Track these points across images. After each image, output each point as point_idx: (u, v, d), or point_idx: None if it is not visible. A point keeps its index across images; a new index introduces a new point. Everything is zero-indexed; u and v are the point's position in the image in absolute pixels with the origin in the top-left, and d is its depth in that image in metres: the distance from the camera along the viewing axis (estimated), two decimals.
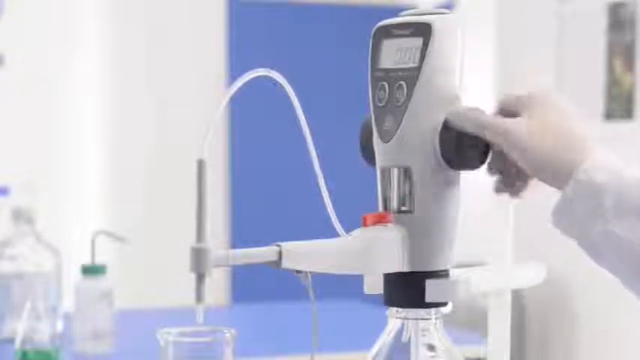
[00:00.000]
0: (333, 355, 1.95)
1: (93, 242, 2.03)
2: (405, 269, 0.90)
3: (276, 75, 0.85)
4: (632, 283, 0.88)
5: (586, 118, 0.89)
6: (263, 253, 0.84)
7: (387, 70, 0.92)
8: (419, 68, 0.89)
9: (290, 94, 0.86)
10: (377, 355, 0.92)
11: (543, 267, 1.05)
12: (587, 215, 0.86)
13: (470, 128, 0.89)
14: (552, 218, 0.89)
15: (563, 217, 0.88)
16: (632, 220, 0.85)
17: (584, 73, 3.71)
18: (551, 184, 0.89)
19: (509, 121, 0.89)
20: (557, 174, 0.88)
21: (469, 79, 0.92)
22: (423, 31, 0.90)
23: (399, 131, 0.90)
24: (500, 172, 0.94)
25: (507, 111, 0.92)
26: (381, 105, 0.92)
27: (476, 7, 4.25)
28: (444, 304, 0.92)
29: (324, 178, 0.88)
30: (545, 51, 3.89)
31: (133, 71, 4.25)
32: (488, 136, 0.89)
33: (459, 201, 0.93)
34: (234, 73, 4.24)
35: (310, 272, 0.86)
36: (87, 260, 2.05)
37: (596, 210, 0.86)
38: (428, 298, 0.91)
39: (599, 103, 3.62)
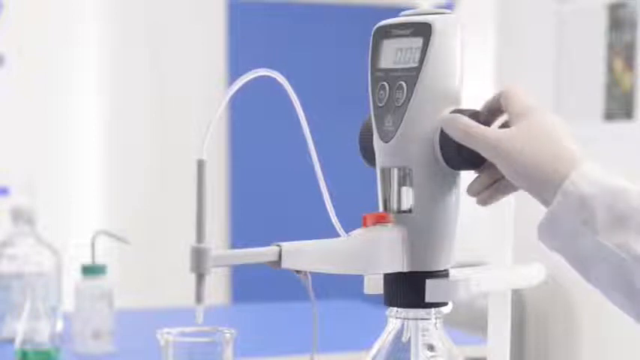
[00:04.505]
0: (333, 355, 1.95)
1: (93, 242, 2.03)
2: (405, 269, 0.90)
3: (276, 75, 0.85)
4: (621, 299, 0.86)
5: (584, 120, 0.89)
6: (263, 253, 0.84)
7: (387, 70, 0.92)
8: (419, 68, 0.89)
9: (290, 94, 0.86)
10: (377, 355, 0.92)
11: (543, 267, 1.05)
12: (575, 228, 0.84)
13: (457, 138, 0.88)
14: (539, 232, 0.87)
15: (551, 231, 0.86)
16: (622, 232, 0.83)
17: (584, 73, 3.70)
18: (537, 197, 0.87)
19: (497, 133, 0.88)
20: (545, 186, 0.86)
21: (469, 79, 0.92)
22: (423, 31, 0.90)
23: (399, 131, 0.90)
24: (493, 181, 0.92)
25: (493, 109, 0.91)
26: (381, 105, 0.92)
27: (476, 7, 4.25)
28: (444, 304, 0.92)
29: (324, 177, 0.88)
30: (545, 51, 3.89)
31: (133, 71, 4.25)
32: (475, 147, 0.88)
33: (459, 201, 0.93)
34: (234, 73, 4.24)
35: (310, 272, 0.86)
36: (87, 260, 2.05)
37: (584, 222, 0.84)
38: (428, 298, 0.91)
39: (599, 103, 3.61)
